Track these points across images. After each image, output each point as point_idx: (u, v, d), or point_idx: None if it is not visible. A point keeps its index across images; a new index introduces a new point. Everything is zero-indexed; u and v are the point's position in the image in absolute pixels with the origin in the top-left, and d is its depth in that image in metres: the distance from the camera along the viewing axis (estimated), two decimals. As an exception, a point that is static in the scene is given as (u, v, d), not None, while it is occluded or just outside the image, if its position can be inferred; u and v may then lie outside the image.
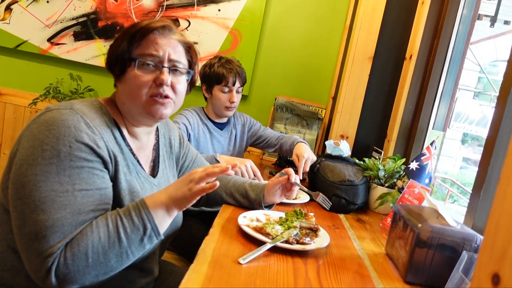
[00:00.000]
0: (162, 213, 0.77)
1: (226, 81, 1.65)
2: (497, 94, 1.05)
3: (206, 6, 2.45)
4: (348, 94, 1.96)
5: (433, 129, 1.72)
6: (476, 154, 7.92)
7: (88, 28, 2.52)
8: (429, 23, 1.74)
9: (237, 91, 1.70)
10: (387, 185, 1.41)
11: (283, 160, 2.06)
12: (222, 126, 1.81)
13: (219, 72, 1.65)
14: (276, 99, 2.26)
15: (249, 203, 1.13)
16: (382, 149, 1.80)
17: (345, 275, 0.81)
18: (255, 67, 2.52)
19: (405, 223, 0.89)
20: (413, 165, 1.32)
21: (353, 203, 1.32)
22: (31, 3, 2.51)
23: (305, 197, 1.38)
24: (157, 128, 1.04)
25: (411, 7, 1.86)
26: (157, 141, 1.03)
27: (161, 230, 0.77)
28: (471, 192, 1.09)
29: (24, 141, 0.74)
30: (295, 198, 1.34)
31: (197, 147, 1.69)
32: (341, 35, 2.45)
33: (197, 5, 2.46)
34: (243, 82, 1.72)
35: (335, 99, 2.29)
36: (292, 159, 1.66)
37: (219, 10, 2.45)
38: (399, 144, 1.82)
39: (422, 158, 1.32)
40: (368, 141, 2.00)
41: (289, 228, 0.94)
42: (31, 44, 2.54)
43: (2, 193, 0.80)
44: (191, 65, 0.95)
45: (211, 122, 1.77)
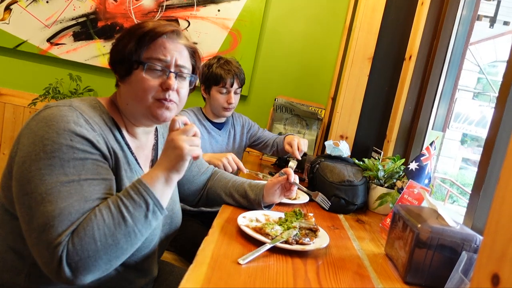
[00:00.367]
0: (161, 186, 0.77)
1: (224, 82, 1.65)
2: (496, 95, 1.05)
3: (205, 6, 2.45)
4: (347, 95, 1.96)
5: (432, 129, 1.72)
6: (475, 154, 7.93)
7: (87, 28, 2.52)
8: (429, 24, 1.74)
9: (235, 92, 1.70)
10: (386, 185, 1.41)
11: (282, 161, 2.06)
12: (221, 126, 1.81)
13: (217, 73, 1.65)
14: (275, 99, 2.26)
15: (249, 203, 1.13)
16: (382, 150, 1.81)
17: (345, 275, 0.81)
18: (255, 67, 2.52)
19: (404, 223, 0.89)
20: (413, 165, 1.32)
21: (352, 203, 1.32)
22: (31, 3, 2.51)
23: (304, 198, 1.38)
24: (156, 128, 1.04)
25: (410, 7, 1.86)
26: (156, 141, 1.03)
27: (163, 203, 0.77)
28: (470, 192, 1.09)
29: (24, 138, 0.74)
30: (294, 199, 1.35)
31: None
32: (340, 36, 2.45)
33: (196, 5, 2.46)
34: (241, 83, 1.71)
35: (334, 99, 2.29)
36: (287, 150, 1.72)
37: (218, 10, 2.45)
38: (399, 144, 1.82)
39: (421, 158, 1.32)
40: (368, 141, 2.00)
41: (288, 228, 0.94)
42: (31, 44, 2.54)
43: (2, 192, 0.80)
44: (194, 69, 0.95)
45: (209, 122, 1.77)
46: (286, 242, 0.88)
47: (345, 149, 1.64)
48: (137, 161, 0.91)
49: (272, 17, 2.48)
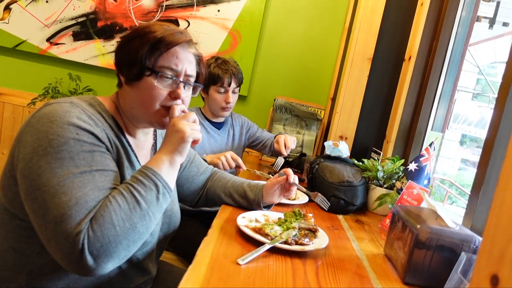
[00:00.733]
0: (167, 168, 0.80)
1: (221, 82, 1.66)
2: (495, 96, 1.05)
3: (205, 6, 2.45)
4: (347, 95, 1.96)
5: (432, 130, 1.72)
6: (474, 155, 7.93)
7: (87, 28, 2.52)
8: (428, 25, 1.74)
9: (233, 91, 1.71)
10: (386, 186, 1.41)
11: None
12: (220, 125, 1.82)
13: (214, 73, 1.66)
14: (275, 100, 2.26)
15: (248, 203, 1.13)
16: (381, 150, 1.81)
17: (344, 276, 0.81)
18: (254, 67, 2.52)
19: (403, 224, 0.89)
20: (412, 166, 1.32)
21: (352, 204, 1.32)
22: (30, 2, 2.51)
23: (304, 198, 1.39)
24: (155, 129, 1.05)
25: (410, 8, 1.86)
26: (155, 141, 1.03)
27: (170, 185, 0.80)
28: (469, 193, 1.09)
29: (27, 136, 0.73)
30: (294, 199, 1.35)
31: (194, 146, 1.69)
32: (340, 36, 2.45)
33: (196, 5, 2.46)
34: (239, 82, 1.72)
35: (334, 100, 2.29)
36: (275, 148, 1.76)
37: (218, 10, 2.45)
38: (398, 145, 1.82)
39: (421, 159, 1.32)
40: (367, 142, 2.00)
41: (288, 229, 0.94)
42: (30, 44, 2.54)
43: (2, 191, 0.79)
44: (198, 75, 0.96)
45: (208, 122, 1.78)
46: (286, 242, 0.88)
47: (344, 149, 1.65)
48: (137, 159, 0.91)
49: (271, 17, 2.49)
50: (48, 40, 2.53)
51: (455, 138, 7.65)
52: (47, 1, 2.50)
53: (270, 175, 1.73)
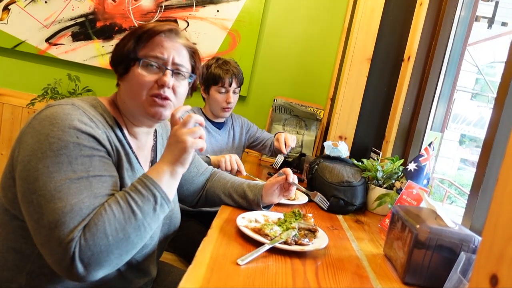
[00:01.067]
0: (167, 179, 0.79)
1: (222, 82, 1.68)
2: (494, 95, 1.05)
3: (204, 7, 2.45)
4: (346, 95, 1.96)
5: (431, 130, 1.72)
6: (473, 155, 7.94)
7: (86, 28, 2.52)
8: (427, 25, 1.74)
9: (233, 92, 1.72)
10: (385, 186, 1.41)
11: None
12: (220, 125, 1.83)
13: (215, 73, 1.68)
14: (274, 100, 2.26)
15: (248, 203, 1.13)
16: (381, 150, 1.81)
17: (344, 276, 0.82)
18: (254, 68, 2.52)
19: (403, 224, 0.89)
20: (411, 166, 1.32)
21: (351, 204, 1.32)
22: (29, 3, 2.50)
23: (303, 198, 1.39)
24: (155, 130, 1.04)
25: (409, 8, 1.87)
26: (155, 142, 1.03)
27: (170, 196, 0.79)
28: (469, 193, 1.09)
29: (28, 137, 0.73)
30: (293, 199, 1.35)
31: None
32: (339, 36, 2.46)
33: (195, 5, 2.46)
34: (239, 83, 1.74)
35: (333, 100, 2.30)
36: (275, 146, 1.77)
37: (217, 11, 2.45)
38: (397, 145, 1.82)
39: (420, 159, 1.32)
40: (367, 142, 2.00)
41: (287, 229, 0.94)
42: (29, 44, 2.53)
43: (3, 192, 0.79)
44: (194, 69, 0.96)
45: (209, 121, 1.79)
46: (285, 242, 0.88)
47: (344, 149, 1.65)
48: (138, 160, 0.91)
49: (271, 17, 2.49)
50: (47, 40, 2.53)
51: (454, 138, 7.66)
52: (46, 2, 2.50)
53: (269, 175, 1.73)
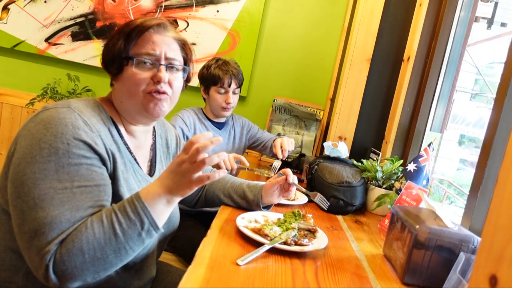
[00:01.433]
0: (161, 206, 0.75)
1: (221, 82, 1.68)
2: (494, 96, 1.05)
3: (204, 7, 2.45)
4: (346, 96, 1.96)
5: (430, 130, 1.73)
6: (473, 155, 7.94)
7: (86, 28, 2.52)
8: (427, 25, 1.75)
9: (233, 92, 1.72)
10: (385, 186, 1.41)
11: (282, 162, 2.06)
12: (221, 125, 1.83)
13: (215, 74, 1.68)
14: (274, 100, 2.26)
15: (247, 204, 1.13)
16: (380, 151, 1.81)
17: (343, 276, 0.82)
18: (254, 68, 2.52)
19: (402, 224, 0.89)
20: (411, 166, 1.32)
21: (351, 204, 1.32)
22: (29, 3, 2.50)
23: (303, 198, 1.39)
24: (154, 129, 1.04)
25: (409, 9, 1.87)
26: (154, 141, 1.03)
27: (159, 223, 0.76)
28: (468, 193, 1.10)
29: (22, 140, 0.74)
30: (293, 199, 1.35)
31: None
32: (339, 37, 2.46)
33: (195, 6, 2.46)
34: (239, 83, 1.74)
35: (333, 100, 2.30)
36: (274, 151, 1.73)
37: (217, 11, 2.45)
38: (397, 145, 1.82)
39: (419, 159, 1.32)
40: (366, 142, 2.00)
41: (287, 229, 0.94)
42: (29, 44, 2.53)
43: (0, 193, 0.79)
44: (186, 61, 0.96)
45: (209, 121, 1.79)
46: (285, 243, 0.88)
47: (343, 150, 1.65)
48: (136, 160, 0.91)
49: (271, 18, 2.49)
50: (46, 40, 2.53)
51: (454, 139, 7.66)
52: (45, 1, 2.50)
53: (268, 173, 1.73)
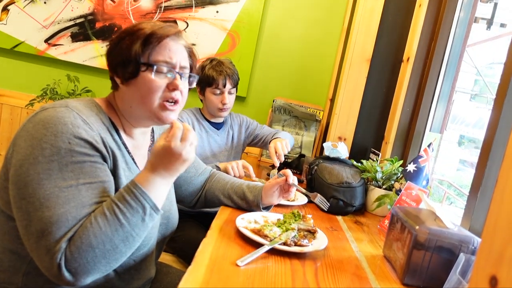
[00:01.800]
0: (157, 188, 0.78)
1: (216, 83, 1.66)
2: (493, 97, 1.05)
3: (204, 7, 2.46)
4: (346, 96, 1.96)
5: (430, 131, 1.73)
6: (472, 156, 7.94)
7: (85, 29, 2.52)
8: (426, 26, 1.75)
9: (229, 92, 1.69)
10: (384, 187, 1.41)
11: (283, 163, 2.06)
12: (219, 126, 1.82)
13: (209, 75, 1.66)
14: (274, 101, 2.26)
15: (247, 204, 1.13)
16: (380, 151, 1.81)
17: (343, 277, 0.81)
18: (253, 68, 2.52)
19: (402, 225, 0.89)
20: (411, 167, 1.32)
21: (350, 205, 1.32)
22: (28, 3, 2.50)
23: (303, 199, 1.39)
24: (152, 129, 1.04)
25: (408, 9, 1.87)
26: (152, 142, 1.03)
27: (159, 205, 0.78)
28: (468, 194, 1.10)
29: (21, 141, 0.73)
30: (293, 200, 1.35)
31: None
32: (339, 37, 2.46)
33: (195, 6, 2.46)
34: (234, 83, 1.71)
35: (333, 101, 2.30)
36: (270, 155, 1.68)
37: (217, 11, 2.45)
38: (397, 146, 1.82)
39: (419, 160, 1.32)
40: (366, 143, 2.00)
41: (287, 230, 0.94)
42: (28, 45, 2.53)
43: None
44: (191, 68, 0.96)
45: (207, 122, 1.78)
46: (285, 243, 0.88)
47: (343, 150, 1.65)
48: (134, 160, 0.91)
49: (270, 18, 2.49)
50: (46, 41, 2.53)
51: (453, 139, 7.67)
52: (45, 2, 2.50)
53: (269, 176, 1.73)
